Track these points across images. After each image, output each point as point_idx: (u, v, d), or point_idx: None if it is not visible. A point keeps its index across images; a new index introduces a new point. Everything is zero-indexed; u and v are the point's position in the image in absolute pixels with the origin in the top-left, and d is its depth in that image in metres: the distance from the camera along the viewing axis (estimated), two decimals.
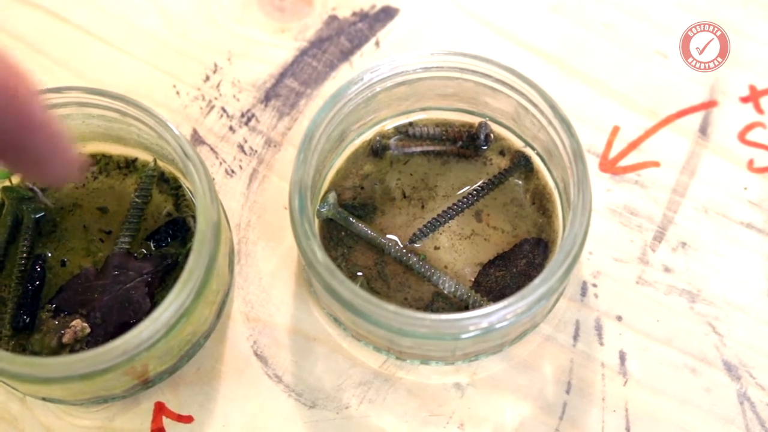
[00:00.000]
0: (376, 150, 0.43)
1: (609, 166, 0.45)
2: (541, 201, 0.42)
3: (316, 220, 0.41)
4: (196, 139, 0.45)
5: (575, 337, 0.42)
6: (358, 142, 0.43)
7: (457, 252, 0.41)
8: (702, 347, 0.42)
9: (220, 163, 0.45)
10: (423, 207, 0.42)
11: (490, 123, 0.43)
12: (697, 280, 0.43)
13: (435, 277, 0.40)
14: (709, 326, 0.42)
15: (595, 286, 0.43)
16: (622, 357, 0.42)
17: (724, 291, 0.43)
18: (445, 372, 0.41)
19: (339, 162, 0.43)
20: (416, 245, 0.41)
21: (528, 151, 0.42)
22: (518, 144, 0.42)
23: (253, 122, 0.46)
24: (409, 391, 0.41)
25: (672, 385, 0.41)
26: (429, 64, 0.40)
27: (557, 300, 0.41)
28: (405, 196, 0.42)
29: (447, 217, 0.41)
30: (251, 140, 0.45)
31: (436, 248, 0.41)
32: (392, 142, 0.43)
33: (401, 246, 0.41)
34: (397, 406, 0.41)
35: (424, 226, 0.41)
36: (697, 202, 0.44)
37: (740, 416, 0.41)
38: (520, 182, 0.42)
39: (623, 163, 0.45)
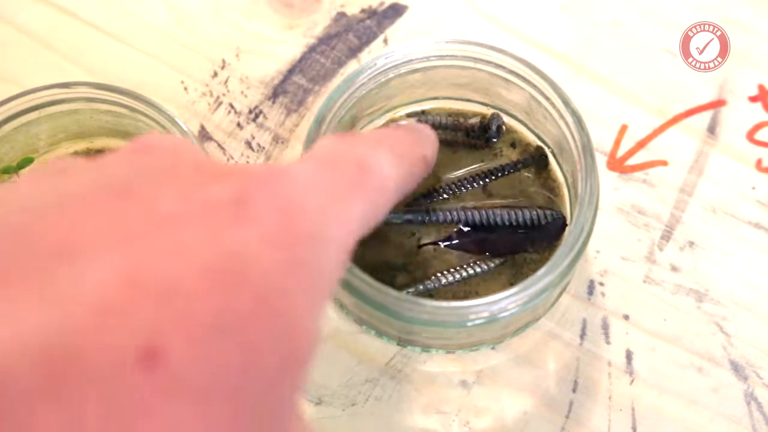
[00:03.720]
0: None
1: (617, 164, 0.45)
2: (549, 196, 0.42)
3: None
4: (204, 135, 0.45)
5: (582, 335, 0.42)
6: (369, 129, 0.43)
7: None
8: (709, 347, 0.42)
9: (228, 159, 0.45)
10: (430, 193, 0.42)
11: (502, 115, 0.43)
12: (705, 280, 0.43)
13: (494, 218, 0.40)
14: (717, 326, 0.42)
15: (602, 284, 0.43)
16: (629, 356, 0.42)
17: (732, 291, 0.43)
18: (450, 367, 0.41)
19: None
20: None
21: (545, 148, 0.42)
22: (530, 137, 0.42)
23: (260, 119, 0.46)
24: (416, 388, 0.41)
25: (678, 384, 0.41)
26: (443, 52, 0.40)
27: (560, 294, 0.41)
28: None
29: (456, 190, 0.41)
30: (259, 137, 0.46)
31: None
32: None
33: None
34: (404, 403, 0.41)
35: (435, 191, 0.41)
36: (705, 201, 0.44)
37: (747, 416, 0.41)
38: (530, 175, 0.42)
39: (631, 161, 0.45)
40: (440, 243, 0.40)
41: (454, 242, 0.40)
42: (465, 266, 0.40)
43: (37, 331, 0.18)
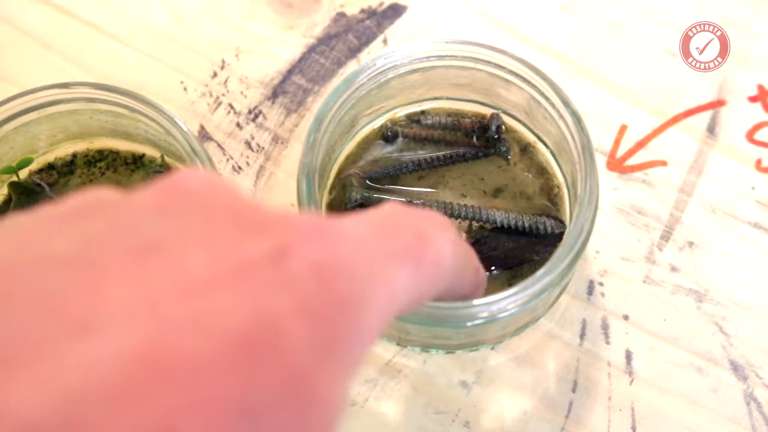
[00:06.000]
0: (388, 137, 0.43)
1: (616, 164, 0.45)
2: (549, 196, 0.42)
3: (323, 205, 0.41)
4: (204, 135, 0.45)
5: (582, 335, 0.42)
6: (369, 129, 0.43)
7: None
8: (709, 347, 0.42)
9: (227, 160, 0.45)
10: (434, 190, 0.42)
11: (502, 115, 0.43)
12: (704, 280, 0.43)
13: (494, 217, 0.40)
14: (716, 326, 0.42)
15: (601, 285, 0.43)
16: (629, 356, 0.42)
17: (731, 291, 0.43)
18: (450, 368, 0.41)
19: (349, 148, 0.43)
20: None
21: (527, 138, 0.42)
22: (529, 137, 0.43)
23: (260, 119, 0.46)
24: (415, 388, 0.41)
25: (678, 384, 0.41)
26: (443, 52, 0.40)
27: (560, 294, 0.41)
28: (419, 179, 0.42)
29: (415, 166, 0.42)
30: (258, 137, 0.45)
31: None
32: (403, 129, 0.43)
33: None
34: (403, 404, 0.41)
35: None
36: (705, 201, 0.44)
37: (746, 416, 0.41)
38: (529, 175, 0.42)
39: (631, 161, 0.45)
40: None
41: None
42: None
43: (40, 415, 0.17)
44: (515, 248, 0.40)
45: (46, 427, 0.17)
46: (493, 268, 0.40)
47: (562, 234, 0.40)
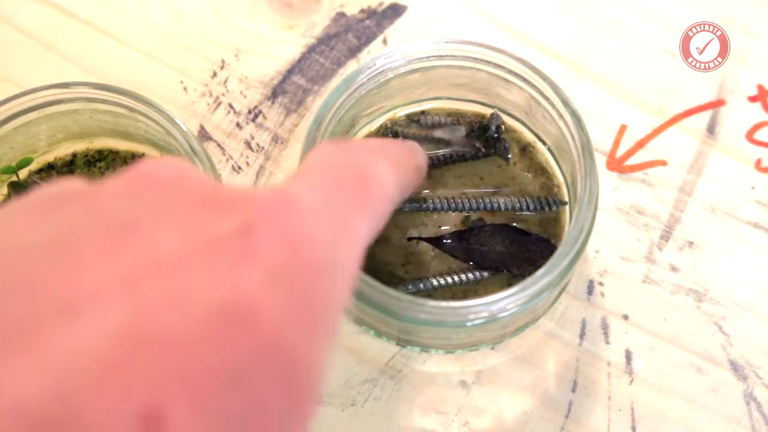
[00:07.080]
0: (387, 136, 0.43)
1: (616, 164, 0.45)
2: (549, 195, 0.42)
3: None
4: (203, 135, 0.45)
5: (581, 335, 0.42)
6: (368, 129, 0.43)
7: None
8: (708, 347, 0.42)
9: (227, 160, 0.45)
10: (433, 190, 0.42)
11: (501, 114, 0.43)
12: (704, 280, 0.43)
13: (498, 203, 0.41)
14: (716, 326, 0.42)
15: (601, 284, 0.43)
16: (629, 356, 0.42)
17: (731, 291, 0.43)
18: (450, 368, 0.41)
19: None
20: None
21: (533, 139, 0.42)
22: (529, 137, 0.43)
23: (260, 119, 0.46)
24: (415, 388, 0.41)
25: (678, 384, 0.41)
26: (443, 52, 0.40)
27: (560, 294, 0.41)
28: None
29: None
30: (258, 137, 0.46)
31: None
32: (402, 129, 0.43)
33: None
34: (403, 403, 0.41)
35: None
36: (705, 201, 0.44)
37: (746, 416, 0.41)
38: (529, 175, 0.42)
39: (630, 161, 0.45)
40: (429, 241, 0.40)
41: (443, 244, 0.40)
42: (462, 271, 0.40)
43: (34, 396, 0.17)
44: (502, 254, 0.40)
45: (39, 408, 0.17)
46: (471, 262, 0.40)
47: (549, 255, 0.39)
